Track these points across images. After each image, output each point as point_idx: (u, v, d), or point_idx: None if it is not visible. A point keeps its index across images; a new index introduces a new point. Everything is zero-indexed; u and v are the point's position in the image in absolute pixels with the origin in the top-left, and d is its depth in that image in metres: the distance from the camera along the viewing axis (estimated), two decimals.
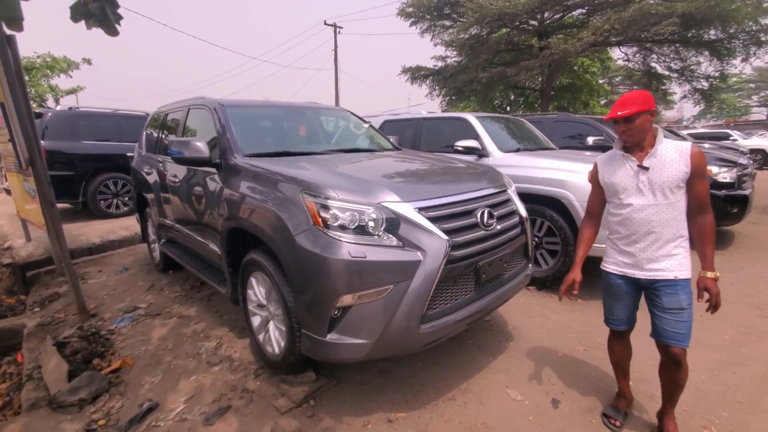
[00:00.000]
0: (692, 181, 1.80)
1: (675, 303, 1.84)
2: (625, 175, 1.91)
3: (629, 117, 1.79)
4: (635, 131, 1.81)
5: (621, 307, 2.04)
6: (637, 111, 1.76)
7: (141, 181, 4.31)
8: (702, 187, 1.81)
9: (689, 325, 1.84)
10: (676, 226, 1.84)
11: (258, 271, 2.34)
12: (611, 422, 2.10)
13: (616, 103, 1.84)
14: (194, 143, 2.67)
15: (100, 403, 2.34)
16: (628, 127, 1.81)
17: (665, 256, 1.86)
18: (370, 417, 2.14)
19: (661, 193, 1.83)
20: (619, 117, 1.79)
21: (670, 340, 1.85)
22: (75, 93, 15.95)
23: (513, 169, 3.93)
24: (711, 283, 1.79)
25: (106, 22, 2.80)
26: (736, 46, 11.75)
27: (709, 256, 1.82)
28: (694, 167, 1.77)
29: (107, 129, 7.06)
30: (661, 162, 1.81)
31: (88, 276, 4.53)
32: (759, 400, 2.26)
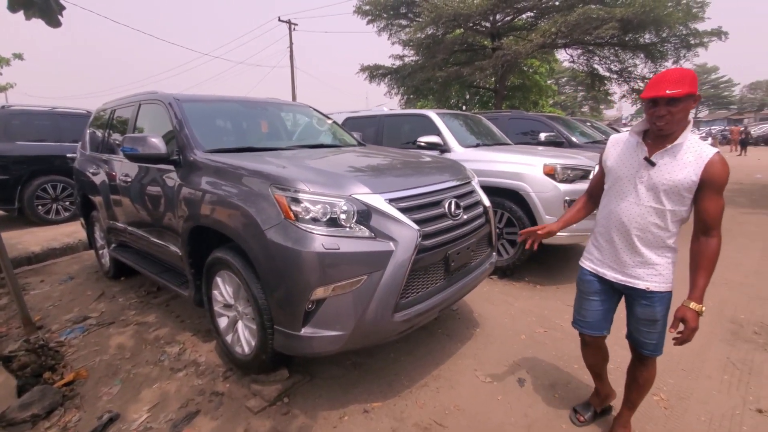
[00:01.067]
0: (702, 195, 1.51)
1: (649, 314, 1.69)
2: (628, 164, 1.66)
3: (677, 99, 1.44)
4: (677, 117, 1.48)
5: (589, 309, 1.87)
6: (688, 92, 1.42)
7: (86, 183, 4.02)
8: (713, 205, 1.51)
9: (662, 335, 1.71)
10: (663, 236, 1.62)
11: (224, 269, 2.27)
12: (577, 417, 2.06)
13: (659, 78, 1.48)
14: (151, 139, 2.54)
15: (55, 417, 2.18)
16: (670, 110, 1.46)
17: (642, 263, 1.66)
18: (345, 409, 2.14)
19: (655, 196, 1.58)
20: (669, 96, 1.43)
21: (641, 349, 1.76)
22: (4, 91, 14.55)
23: (473, 164, 4.05)
24: (691, 316, 1.53)
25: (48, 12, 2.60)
26: (668, 49, 12.76)
27: (699, 286, 1.55)
28: (708, 178, 1.47)
29: (44, 128, 6.51)
30: (673, 162, 1.53)
31: (30, 287, 4.17)
32: (700, 368, 2.50)
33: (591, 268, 1.85)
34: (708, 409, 2.13)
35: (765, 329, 2.92)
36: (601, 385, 2.08)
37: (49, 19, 2.64)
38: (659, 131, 1.55)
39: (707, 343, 2.77)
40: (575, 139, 6.30)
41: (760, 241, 5.18)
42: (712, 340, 2.80)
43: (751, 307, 3.28)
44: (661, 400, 2.21)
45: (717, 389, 2.29)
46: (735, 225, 6.07)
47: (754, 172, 12.60)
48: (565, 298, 3.54)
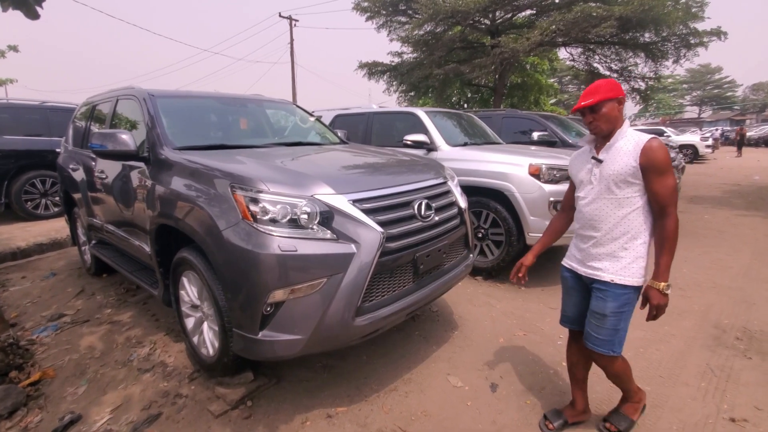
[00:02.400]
0: (647, 178, 1.63)
1: (599, 307, 1.75)
2: (583, 168, 1.83)
3: (593, 106, 1.69)
4: (602, 120, 1.69)
5: (569, 304, 1.98)
6: (601, 99, 1.66)
7: (68, 179, 3.98)
8: (658, 186, 1.62)
9: (612, 333, 1.74)
10: (626, 225, 1.69)
11: (189, 269, 2.22)
12: (546, 424, 2.01)
13: (582, 93, 1.75)
14: (119, 135, 2.50)
15: (17, 418, 2.14)
16: (594, 117, 1.71)
17: (608, 255, 1.74)
18: (309, 414, 2.10)
19: (608, 187, 1.71)
20: (584, 107, 1.70)
21: (588, 341, 1.81)
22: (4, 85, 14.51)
23: (460, 163, 4.01)
24: (653, 294, 1.64)
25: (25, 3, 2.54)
26: (668, 48, 12.63)
27: (661, 265, 1.64)
28: (645, 161, 1.61)
29: (34, 123, 6.48)
30: (615, 154, 1.70)
31: (10, 283, 4.14)
32: (678, 375, 2.44)
33: (567, 264, 1.96)
34: (681, 417, 2.08)
35: (747, 335, 2.87)
36: (579, 395, 2.04)
37: (26, 11, 2.58)
38: (594, 133, 1.78)
39: (688, 349, 2.71)
40: (569, 139, 6.22)
41: (751, 244, 5.11)
42: (693, 346, 2.75)
43: (736, 312, 3.22)
44: None
45: (693, 397, 2.23)
46: (729, 227, 6.01)
47: (753, 173, 12.51)
48: (548, 301, 3.48)
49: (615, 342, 1.76)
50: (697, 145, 18.33)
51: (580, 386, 2.05)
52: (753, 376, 2.41)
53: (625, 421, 1.95)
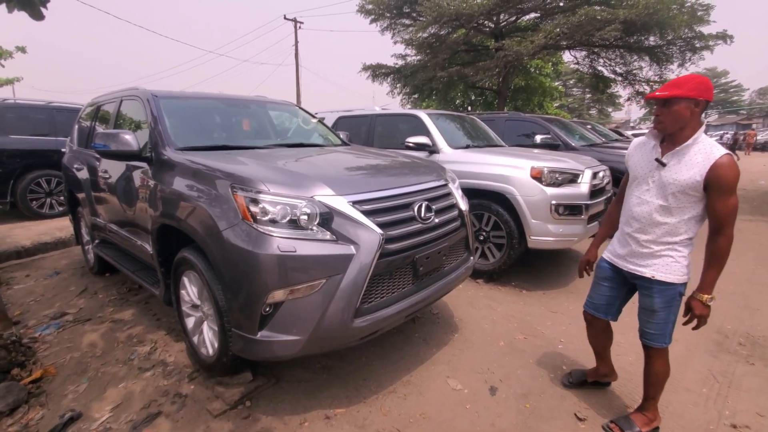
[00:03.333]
0: (710, 195, 1.61)
1: (647, 304, 1.83)
2: (644, 165, 1.80)
3: (667, 99, 1.60)
4: (670, 118, 1.62)
5: (598, 293, 2.07)
6: (677, 95, 1.57)
7: (72, 179, 4.02)
8: (720, 205, 1.59)
9: (663, 327, 1.82)
10: (675, 231, 1.73)
11: (190, 269, 2.23)
12: (567, 377, 2.35)
13: (667, 83, 1.68)
14: (122, 136, 2.52)
15: (18, 415, 2.15)
16: (662, 111, 1.63)
17: (651, 255, 1.79)
18: (307, 415, 2.10)
19: (663, 194, 1.70)
20: (657, 98, 1.62)
21: (643, 337, 1.91)
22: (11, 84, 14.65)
23: (461, 165, 4.01)
24: (696, 304, 1.72)
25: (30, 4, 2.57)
26: (673, 52, 12.60)
27: (707, 279, 1.70)
28: (711, 179, 1.56)
29: (39, 123, 6.53)
30: (681, 162, 1.64)
31: (14, 281, 4.17)
32: (680, 380, 2.42)
33: (608, 257, 2.02)
34: (682, 423, 2.06)
35: (750, 341, 2.84)
36: (602, 364, 2.24)
37: (31, 11, 2.61)
38: (656, 129, 1.72)
39: (690, 354, 2.69)
40: (573, 142, 6.21)
41: (755, 249, 5.07)
42: (695, 352, 2.72)
43: (740, 318, 3.20)
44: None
45: (694, 402, 2.21)
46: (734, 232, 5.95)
47: (758, 178, 12.40)
48: (550, 305, 3.47)
49: (666, 334, 1.85)
50: None
51: (604, 357, 2.22)
52: (755, 382, 2.39)
53: (632, 428, 1.95)
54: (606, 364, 2.24)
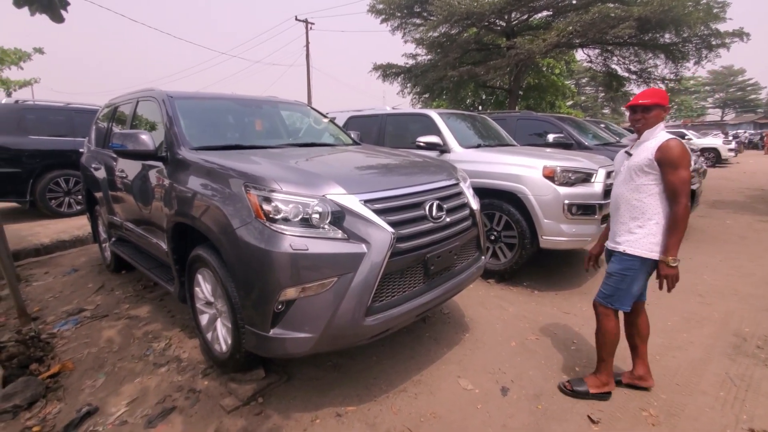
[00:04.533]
0: (662, 170, 1.95)
1: (608, 268, 2.16)
2: (619, 161, 2.22)
3: (648, 106, 1.99)
4: (649, 121, 2.01)
5: None
6: (656, 102, 1.98)
7: (90, 178, 4.11)
8: (671, 177, 1.92)
9: (612, 290, 2.11)
10: (642, 207, 2.02)
11: (204, 267, 2.27)
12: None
13: (638, 94, 2.07)
14: (139, 136, 2.57)
15: (36, 409, 2.21)
16: (643, 116, 2.01)
17: (626, 231, 2.08)
18: (318, 412, 2.11)
19: (629, 176, 2.06)
20: (640, 104, 2.00)
21: (595, 296, 2.23)
22: (30, 85, 15.02)
23: (473, 165, 3.99)
24: (662, 267, 1.98)
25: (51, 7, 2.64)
26: (689, 49, 12.34)
27: (669, 243, 1.95)
28: (659, 156, 1.93)
29: (58, 123, 6.69)
30: (640, 150, 2.03)
31: (33, 278, 4.28)
32: (696, 383, 2.38)
33: (607, 244, 2.25)
34: (698, 426, 2.02)
35: None
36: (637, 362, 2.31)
37: (52, 14, 2.68)
38: (638, 131, 2.09)
39: (707, 356, 2.64)
40: (586, 142, 6.13)
41: None
42: (712, 354, 2.67)
43: (758, 320, 3.12)
44: (649, 416, 2.11)
45: (711, 406, 2.17)
46: (751, 233, 5.83)
47: None
48: (562, 305, 3.43)
49: (614, 297, 2.12)
50: (720, 149, 17.81)
51: (638, 355, 2.30)
52: None
53: (582, 387, 2.24)
54: (642, 364, 2.29)
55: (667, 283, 1.98)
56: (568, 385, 2.27)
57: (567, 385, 2.28)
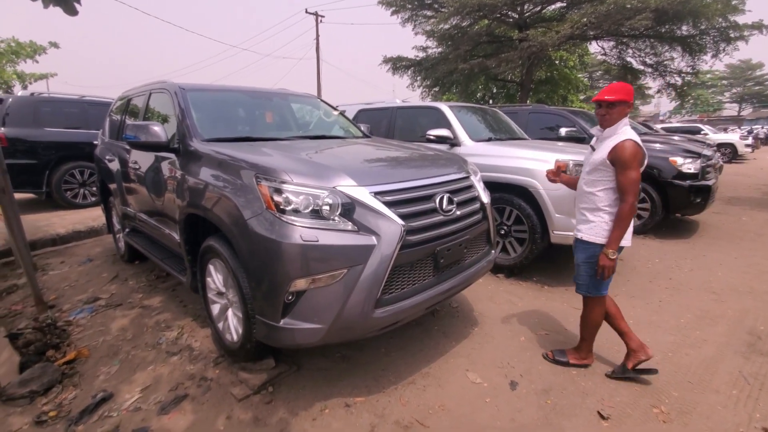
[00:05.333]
0: (615, 170, 2.07)
1: (575, 258, 2.31)
2: (588, 153, 2.32)
3: (612, 102, 2.07)
4: (613, 116, 2.10)
5: None
6: (620, 99, 2.06)
7: (104, 170, 4.17)
8: (620, 177, 2.05)
9: (585, 278, 2.26)
10: (594, 200, 2.18)
11: (215, 257, 2.29)
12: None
13: (603, 89, 2.14)
14: (151, 127, 2.59)
15: (53, 394, 2.26)
16: (608, 111, 2.10)
17: (583, 220, 2.25)
18: (328, 402, 2.14)
19: (588, 171, 2.22)
20: (605, 100, 2.08)
21: (576, 289, 2.35)
22: (46, 79, 15.26)
23: (483, 158, 3.95)
24: (601, 258, 2.14)
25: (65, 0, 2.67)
26: (706, 42, 12.01)
27: (611, 237, 2.11)
28: (611, 157, 2.06)
29: (73, 116, 6.79)
30: (601, 146, 2.14)
31: (50, 267, 4.37)
32: (708, 381, 2.35)
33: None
34: (710, 425, 2.00)
35: None
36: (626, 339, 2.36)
37: (66, 7, 2.71)
38: (602, 125, 2.18)
39: (720, 354, 2.60)
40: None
41: None
42: (725, 352, 2.63)
43: None
44: (660, 413, 2.09)
45: (723, 404, 2.14)
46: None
47: None
48: (572, 301, 3.40)
49: (590, 285, 2.26)
50: (736, 144, 17.39)
51: (624, 332, 2.37)
52: None
53: (563, 357, 2.45)
54: (631, 338, 2.35)
55: (604, 272, 2.13)
56: (551, 354, 2.49)
57: (549, 354, 2.50)
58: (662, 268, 4.22)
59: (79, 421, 2.03)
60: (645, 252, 4.77)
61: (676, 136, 8.11)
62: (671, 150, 5.47)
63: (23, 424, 2.03)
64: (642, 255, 4.65)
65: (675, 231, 5.71)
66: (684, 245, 5.06)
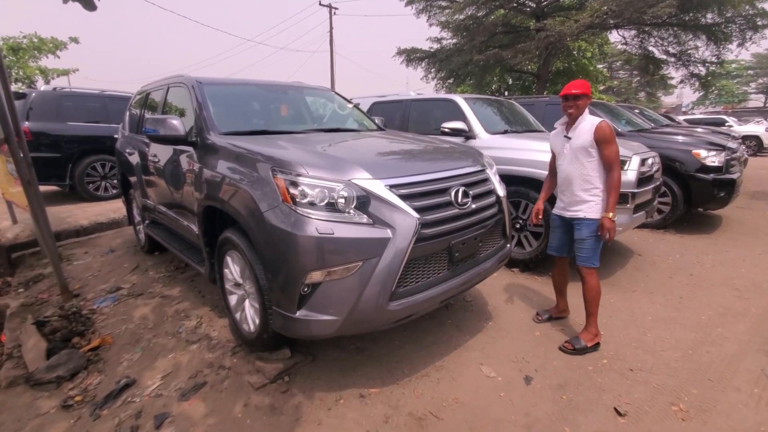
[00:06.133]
0: (600, 147, 2.42)
1: (578, 235, 2.55)
2: (559, 143, 2.65)
3: (578, 96, 2.44)
4: (579, 108, 2.47)
5: (554, 238, 2.80)
6: (583, 92, 2.43)
7: (124, 163, 4.26)
8: (606, 152, 2.41)
9: (590, 251, 2.52)
10: (589, 179, 2.48)
11: (233, 249, 2.33)
12: (537, 316, 2.99)
13: (568, 85, 2.49)
14: (170, 121, 2.63)
15: (78, 380, 2.35)
16: (575, 103, 2.46)
17: (579, 201, 2.53)
18: (342, 393, 2.17)
19: (575, 156, 2.50)
20: (572, 93, 2.44)
21: (578, 262, 2.58)
22: (67, 75, 15.64)
23: (499, 151, 3.91)
24: (605, 221, 2.43)
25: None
26: (732, 30, 11.54)
27: (609, 202, 2.43)
28: (597, 136, 2.40)
29: (94, 110, 6.95)
30: (578, 133, 2.48)
31: (74, 257, 4.52)
32: (729, 379, 2.30)
33: (556, 212, 2.74)
34: (730, 423, 1.96)
35: None
36: (561, 300, 2.96)
37: (85, 3, 2.77)
38: (570, 116, 2.54)
39: (741, 352, 2.54)
40: (619, 128, 5.89)
41: None
42: (747, 350, 2.57)
43: None
44: (679, 410, 2.06)
45: (744, 403, 2.10)
46: None
47: None
48: None
49: (593, 258, 2.54)
50: (762, 137, 16.75)
51: (563, 295, 2.95)
52: None
53: (580, 344, 2.57)
54: (564, 301, 2.95)
55: (609, 235, 2.41)
56: (569, 345, 2.58)
57: (567, 345, 2.58)
58: (683, 264, 4.12)
59: (103, 406, 2.11)
60: (665, 247, 4.67)
61: (700, 128, 7.87)
62: (694, 142, 5.31)
63: (51, 408, 2.12)
64: (662, 250, 4.55)
65: (697, 226, 5.57)
66: (706, 240, 4.93)
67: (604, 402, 2.12)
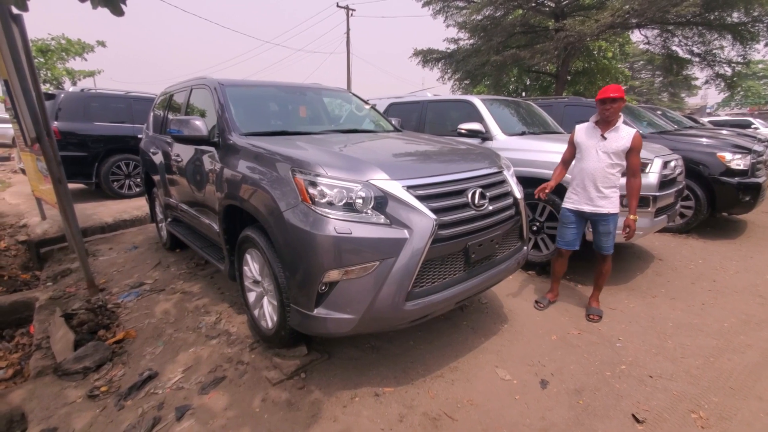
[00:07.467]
0: (629, 154, 2.71)
1: (605, 229, 2.85)
2: (588, 139, 2.83)
3: (616, 99, 2.64)
4: (615, 111, 2.67)
5: (568, 233, 2.99)
6: (620, 96, 2.64)
7: (148, 162, 4.39)
8: (635, 159, 2.72)
9: (612, 241, 2.87)
10: (613, 179, 2.77)
11: (252, 247, 2.39)
12: (538, 305, 3.20)
13: (606, 89, 2.68)
14: (193, 122, 2.71)
15: (104, 371, 2.44)
16: (612, 106, 2.66)
17: (603, 198, 2.79)
18: (357, 391, 2.19)
19: (608, 156, 2.73)
20: (610, 97, 2.64)
21: (602, 250, 2.93)
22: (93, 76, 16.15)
23: (516, 153, 3.89)
24: (630, 222, 2.73)
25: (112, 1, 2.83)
26: (759, 29, 11.18)
27: (632, 206, 2.74)
28: (633, 145, 2.68)
29: (119, 111, 7.16)
30: (616, 137, 2.71)
31: (100, 253, 4.67)
32: (751, 387, 2.25)
33: (571, 206, 2.96)
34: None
35: None
36: (556, 286, 3.29)
37: (113, 8, 2.87)
38: (606, 119, 2.72)
39: (765, 360, 2.48)
40: (640, 130, 5.77)
41: None
42: None
43: None
44: (699, 418, 2.02)
45: (766, 411, 2.05)
46: None
47: None
48: (608, 301, 3.31)
49: (612, 246, 2.90)
50: None
51: (559, 282, 3.30)
52: None
53: (599, 312, 3.04)
54: (558, 286, 3.31)
55: (630, 232, 2.73)
56: (595, 316, 3.00)
57: (594, 317, 3.00)
58: (706, 270, 4.02)
59: (127, 397, 2.19)
60: (687, 252, 4.56)
61: (725, 130, 7.63)
62: (719, 145, 5.17)
63: (77, 397, 2.20)
64: (684, 255, 4.45)
65: (720, 231, 5.41)
66: (730, 246, 4.79)
67: (622, 408, 2.09)
